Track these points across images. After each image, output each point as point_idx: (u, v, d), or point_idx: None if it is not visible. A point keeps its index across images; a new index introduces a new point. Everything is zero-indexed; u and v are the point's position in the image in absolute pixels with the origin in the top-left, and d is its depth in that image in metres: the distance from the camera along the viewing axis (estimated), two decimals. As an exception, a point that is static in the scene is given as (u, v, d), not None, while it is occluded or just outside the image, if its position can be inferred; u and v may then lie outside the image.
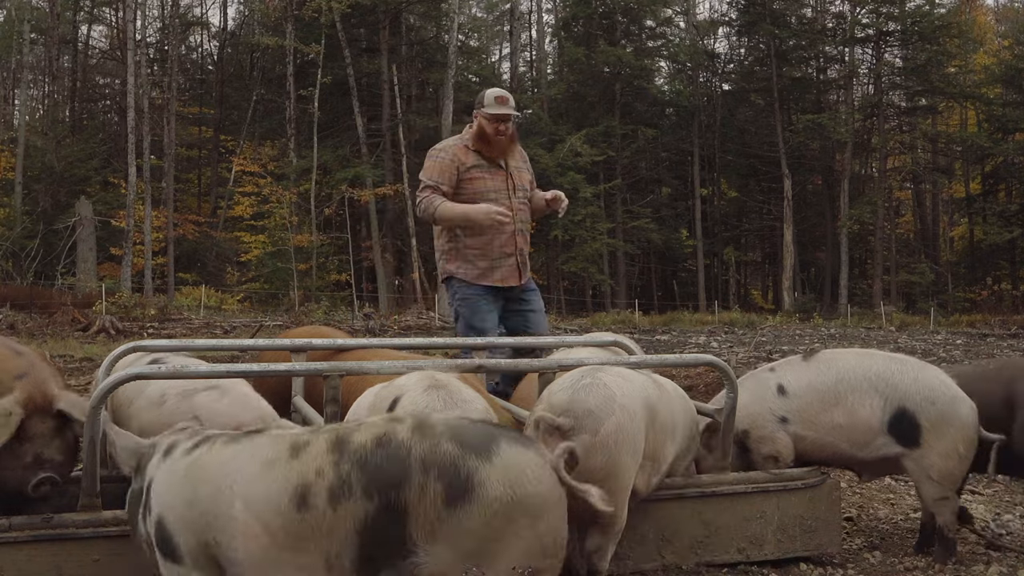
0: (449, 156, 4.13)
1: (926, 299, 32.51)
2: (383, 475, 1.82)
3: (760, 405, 3.13)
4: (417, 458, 1.83)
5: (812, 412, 3.07)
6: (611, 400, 2.52)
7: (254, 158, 30.59)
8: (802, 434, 3.08)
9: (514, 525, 1.84)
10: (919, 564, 3.14)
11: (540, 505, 1.87)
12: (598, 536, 2.57)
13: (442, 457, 1.83)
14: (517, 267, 4.16)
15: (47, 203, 28.84)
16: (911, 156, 36.47)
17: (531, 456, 1.92)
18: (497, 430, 1.97)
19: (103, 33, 39.90)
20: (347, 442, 1.88)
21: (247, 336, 15.41)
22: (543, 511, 1.88)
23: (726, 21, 39.27)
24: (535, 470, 1.89)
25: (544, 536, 1.89)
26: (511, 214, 4.03)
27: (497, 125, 4.08)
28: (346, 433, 1.90)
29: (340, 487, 1.81)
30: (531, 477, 1.88)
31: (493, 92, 4.13)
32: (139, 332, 15.54)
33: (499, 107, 4.07)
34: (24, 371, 2.70)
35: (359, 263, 31.98)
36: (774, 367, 3.25)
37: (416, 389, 2.33)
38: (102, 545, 2.48)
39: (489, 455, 1.85)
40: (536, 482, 1.88)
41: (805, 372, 3.14)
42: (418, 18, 34.18)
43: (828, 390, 3.06)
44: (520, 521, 1.84)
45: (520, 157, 4.31)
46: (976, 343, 17.02)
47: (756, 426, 3.14)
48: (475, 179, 4.10)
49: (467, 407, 2.29)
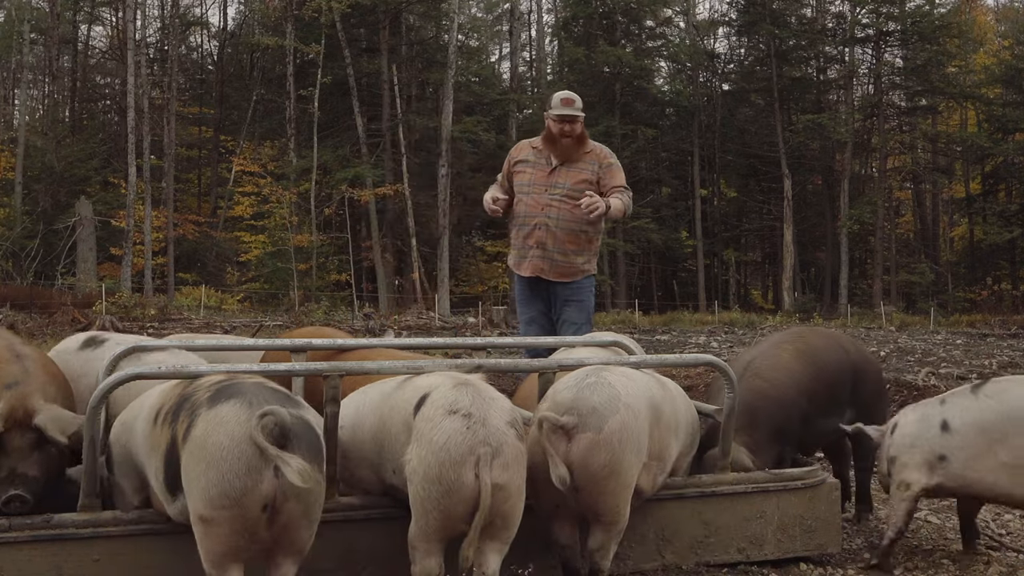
0: (511, 153, 4.46)
1: (926, 299, 32.50)
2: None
3: (922, 440, 3.03)
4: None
5: (973, 452, 2.94)
6: (616, 399, 2.53)
7: (254, 158, 30.58)
8: (960, 473, 2.96)
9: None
10: (919, 564, 3.15)
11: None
12: (601, 534, 2.57)
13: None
14: (541, 261, 4.21)
15: (47, 203, 28.82)
16: (911, 156, 36.46)
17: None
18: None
19: (103, 33, 39.90)
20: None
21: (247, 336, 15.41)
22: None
23: (726, 21, 39.25)
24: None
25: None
26: (499, 209, 4.28)
27: (563, 126, 4.22)
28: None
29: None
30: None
31: (560, 95, 4.28)
32: (139, 332, 15.52)
33: (564, 108, 4.22)
34: (15, 379, 2.69)
35: (359, 263, 31.96)
36: (944, 399, 3.11)
37: (445, 386, 2.37)
38: (102, 545, 2.48)
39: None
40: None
41: (971, 407, 2.99)
42: (418, 18, 34.16)
43: (993, 428, 2.92)
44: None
45: (590, 158, 4.28)
46: (976, 343, 17.01)
47: (909, 458, 3.04)
48: (517, 173, 4.34)
49: (495, 403, 2.32)
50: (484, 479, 2.19)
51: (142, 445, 2.42)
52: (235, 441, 2.09)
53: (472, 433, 2.23)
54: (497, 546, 2.31)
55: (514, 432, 2.30)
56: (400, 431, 2.42)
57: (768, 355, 3.49)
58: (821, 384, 3.45)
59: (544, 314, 4.34)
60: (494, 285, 33.09)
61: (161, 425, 2.31)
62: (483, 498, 2.18)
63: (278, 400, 2.21)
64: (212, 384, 2.29)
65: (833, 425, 3.55)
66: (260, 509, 2.09)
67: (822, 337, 3.69)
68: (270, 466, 2.07)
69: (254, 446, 2.06)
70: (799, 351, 3.50)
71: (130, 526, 2.51)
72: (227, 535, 2.10)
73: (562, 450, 2.46)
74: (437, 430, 2.25)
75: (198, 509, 2.11)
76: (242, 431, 2.09)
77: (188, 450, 2.14)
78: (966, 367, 10.94)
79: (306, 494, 2.12)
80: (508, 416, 2.32)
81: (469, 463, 2.21)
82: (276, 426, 2.10)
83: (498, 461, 2.22)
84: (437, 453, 2.23)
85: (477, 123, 30.80)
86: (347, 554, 2.66)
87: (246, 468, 2.07)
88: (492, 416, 2.28)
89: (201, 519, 2.11)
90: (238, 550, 2.13)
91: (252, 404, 2.14)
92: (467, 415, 2.26)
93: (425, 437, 2.27)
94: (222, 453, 2.08)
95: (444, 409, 2.28)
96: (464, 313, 25.77)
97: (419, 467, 2.26)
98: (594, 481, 2.47)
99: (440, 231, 29.34)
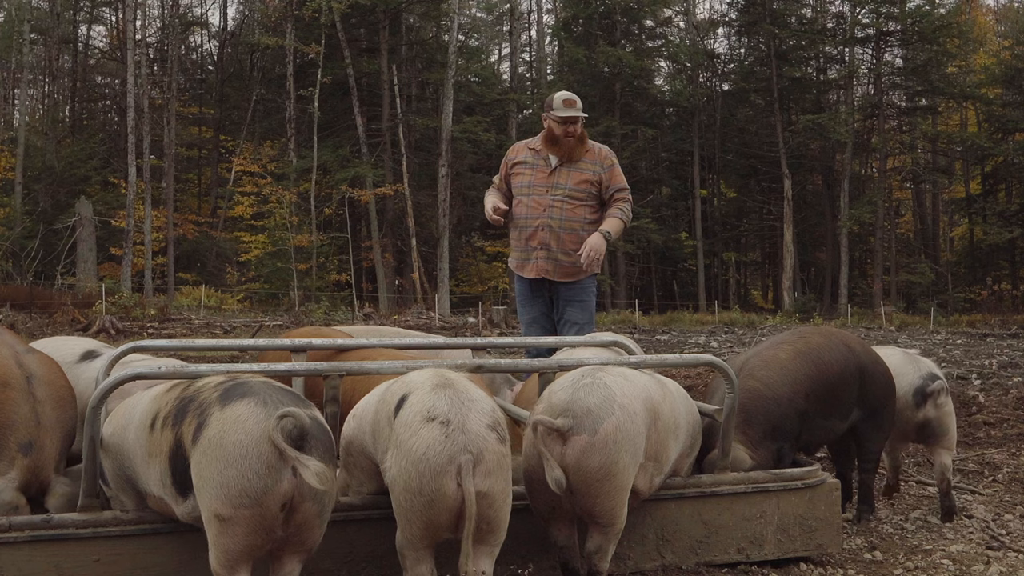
0: (507, 155, 4.46)
1: (926, 299, 32.51)
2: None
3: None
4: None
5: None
6: (611, 400, 2.51)
7: (254, 158, 30.56)
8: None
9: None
10: (920, 564, 3.15)
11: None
12: (598, 536, 2.56)
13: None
14: (546, 262, 4.22)
15: (47, 203, 28.82)
16: (911, 156, 36.45)
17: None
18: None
19: (103, 33, 39.89)
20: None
21: (247, 336, 15.41)
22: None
23: (726, 21, 39.26)
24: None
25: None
26: (500, 219, 4.28)
27: (566, 127, 4.23)
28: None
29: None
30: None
31: (561, 96, 4.28)
32: (139, 332, 15.54)
33: (567, 110, 4.22)
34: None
35: (359, 263, 31.96)
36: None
37: (424, 388, 2.32)
38: (102, 545, 2.48)
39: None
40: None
41: None
42: (418, 18, 34.14)
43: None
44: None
45: (590, 157, 4.30)
46: (976, 343, 17.02)
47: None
48: (516, 175, 4.35)
49: (474, 406, 2.27)
50: (467, 488, 2.15)
51: (137, 454, 2.41)
52: (254, 440, 2.09)
53: (451, 441, 2.19)
54: (487, 550, 2.29)
55: (495, 436, 2.25)
56: (384, 426, 2.39)
57: (764, 355, 3.49)
58: (820, 383, 3.43)
59: (545, 315, 4.35)
60: (494, 285, 33.09)
61: (161, 430, 2.30)
62: (468, 507, 2.15)
63: (289, 399, 2.22)
64: (218, 384, 2.29)
65: (836, 425, 3.54)
66: (279, 508, 2.10)
67: (825, 336, 3.67)
68: (288, 466, 2.08)
69: (272, 445, 2.07)
70: (798, 351, 3.49)
71: (130, 526, 2.50)
72: (245, 534, 2.10)
73: (557, 453, 2.44)
74: (415, 438, 2.21)
75: (215, 508, 2.10)
76: (260, 429, 2.10)
77: (201, 450, 2.14)
78: (966, 367, 10.95)
79: (322, 494, 2.14)
80: (488, 419, 2.27)
81: (450, 473, 2.17)
82: (295, 428, 2.11)
83: (480, 468, 2.19)
84: (416, 464, 2.19)
85: (477, 123, 30.80)
86: (347, 554, 2.66)
87: (266, 467, 2.08)
88: (471, 421, 2.23)
89: (218, 517, 2.10)
90: (253, 548, 2.14)
91: (267, 403, 2.15)
92: (445, 422, 2.21)
93: (404, 446, 2.23)
94: (241, 451, 2.09)
95: (422, 416, 2.24)
96: (464, 313, 25.77)
97: (399, 477, 2.23)
98: (589, 483, 2.46)
99: (440, 231, 29.34)
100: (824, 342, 3.60)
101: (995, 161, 35.10)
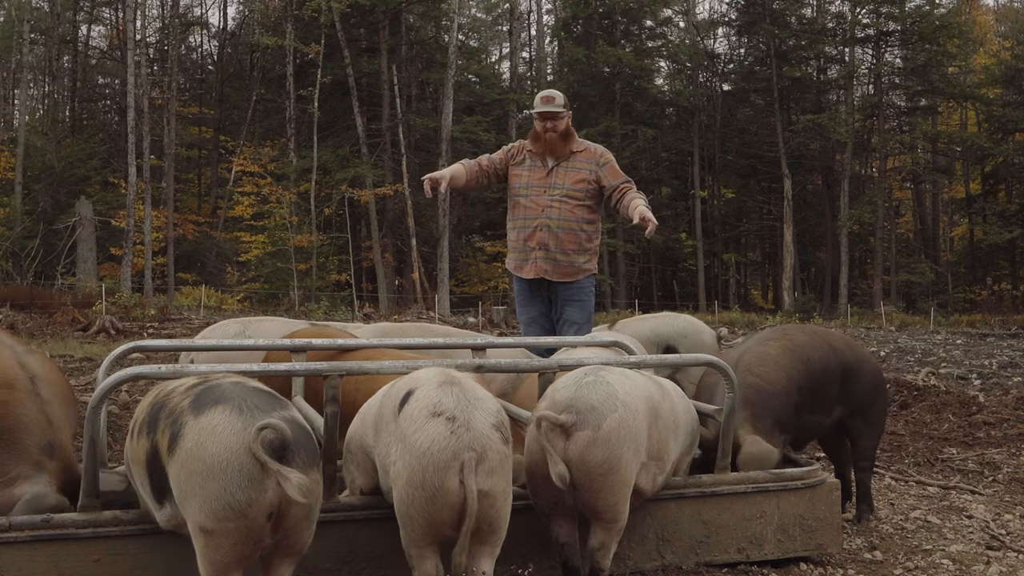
0: (513, 144, 4.50)
1: (926, 299, 32.51)
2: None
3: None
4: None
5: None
6: (614, 397, 2.53)
7: (254, 158, 30.54)
8: None
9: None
10: (920, 564, 3.15)
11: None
12: (601, 533, 2.57)
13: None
14: (544, 263, 4.22)
15: (47, 203, 28.81)
16: (911, 156, 36.46)
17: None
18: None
19: (103, 33, 39.89)
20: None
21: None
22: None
23: (726, 21, 39.24)
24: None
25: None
26: (430, 192, 4.19)
27: (544, 123, 4.26)
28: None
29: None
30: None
31: (540, 93, 4.35)
32: (139, 332, 15.53)
33: (544, 105, 4.27)
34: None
35: (359, 263, 31.96)
36: None
37: (430, 384, 2.33)
38: (102, 545, 2.48)
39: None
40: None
41: None
42: (418, 18, 34.13)
43: None
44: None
45: (585, 156, 4.31)
46: (976, 343, 17.01)
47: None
48: (514, 175, 4.38)
49: (480, 405, 2.28)
50: (469, 485, 2.15)
51: (130, 460, 2.41)
52: (233, 452, 2.05)
53: (456, 438, 2.19)
54: (487, 550, 2.30)
55: (499, 435, 2.25)
56: (389, 420, 2.39)
57: (755, 351, 3.51)
58: (808, 378, 3.47)
59: (545, 315, 4.35)
60: (494, 285, 33.08)
61: (137, 437, 2.28)
62: (469, 504, 2.15)
63: (264, 402, 2.17)
64: (188, 388, 2.24)
65: (822, 419, 3.57)
66: (266, 518, 2.08)
67: (807, 334, 3.70)
68: (272, 476, 2.05)
69: (253, 457, 2.04)
70: (785, 347, 3.53)
71: (130, 526, 2.50)
72: (232, 545, 2.08)
73: (560, 448, 2.46)
74: (420, 433, 2.21)
75: (200, 521, 2.07)
76: (238, 441, 2.05)
77: (180, 462, 2.10)
78: (966, 367, 10.95)
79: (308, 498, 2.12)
80: (493, 418, 2.27)
81: (453, 469, 2.17)
82: (276, 439, 2.06)
83: (483, 467, 2.19)
84: (420, 458, 2.19)
85: (477, 123, 30.81)
86: (347, 554, 2.66)
87: (248, 479, 2.04)
88: (477, 419, 2.23)
89: (203, 531, 2.07)
90: (243, 558, 2.12)
91: (242, 410, 2.10)
92: (451, 418, 2.21)
93: (408, 440, 2.23)
94: (221, 464, 2.04)
95: (428, 411, 2.24)
96: (464, 313, 25.77)
97: (403, 471, 2.23)
98: (592, 478, 2.47)
99: (440, 231, 29.34)
100: (807, 340, 3.64)
101: (995, 161, 35.10)
